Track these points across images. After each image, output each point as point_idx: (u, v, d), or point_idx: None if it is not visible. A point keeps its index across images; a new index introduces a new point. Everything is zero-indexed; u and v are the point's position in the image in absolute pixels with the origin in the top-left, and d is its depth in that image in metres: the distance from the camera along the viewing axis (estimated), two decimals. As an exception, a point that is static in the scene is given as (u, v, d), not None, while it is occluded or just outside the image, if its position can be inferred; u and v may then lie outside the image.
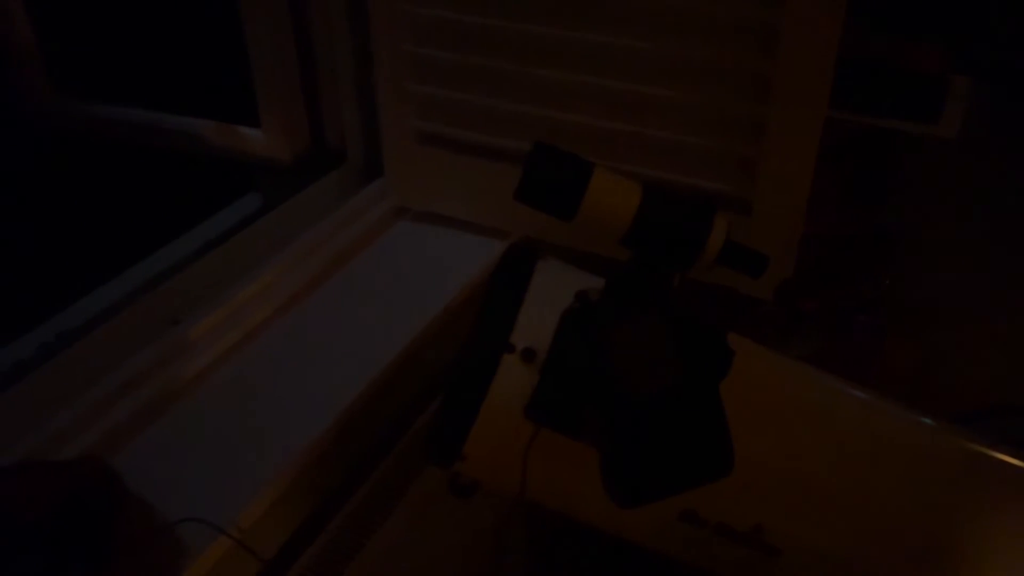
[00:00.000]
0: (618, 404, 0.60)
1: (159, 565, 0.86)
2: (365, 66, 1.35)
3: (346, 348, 1.14)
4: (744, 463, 0.61)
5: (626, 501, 0.60)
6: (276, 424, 1.03)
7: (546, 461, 0.69)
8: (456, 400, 0.71)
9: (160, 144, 1.64)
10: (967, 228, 1.30)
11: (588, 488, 0.65)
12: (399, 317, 1.18)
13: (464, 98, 1.25)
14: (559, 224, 0.68)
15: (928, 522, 0.72)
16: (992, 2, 1.19)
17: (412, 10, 1.22)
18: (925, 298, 1.29)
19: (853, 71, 1.12)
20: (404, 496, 1.07)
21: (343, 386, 1.07)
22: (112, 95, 1.69)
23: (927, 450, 0.75)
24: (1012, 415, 0.85)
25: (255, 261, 1.26)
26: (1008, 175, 1.26)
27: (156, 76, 1.73)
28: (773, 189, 1.12)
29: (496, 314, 0.72)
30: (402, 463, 1.10)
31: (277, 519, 0.97)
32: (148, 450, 1.00)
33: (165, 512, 0.90)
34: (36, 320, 1.26)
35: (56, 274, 1.57)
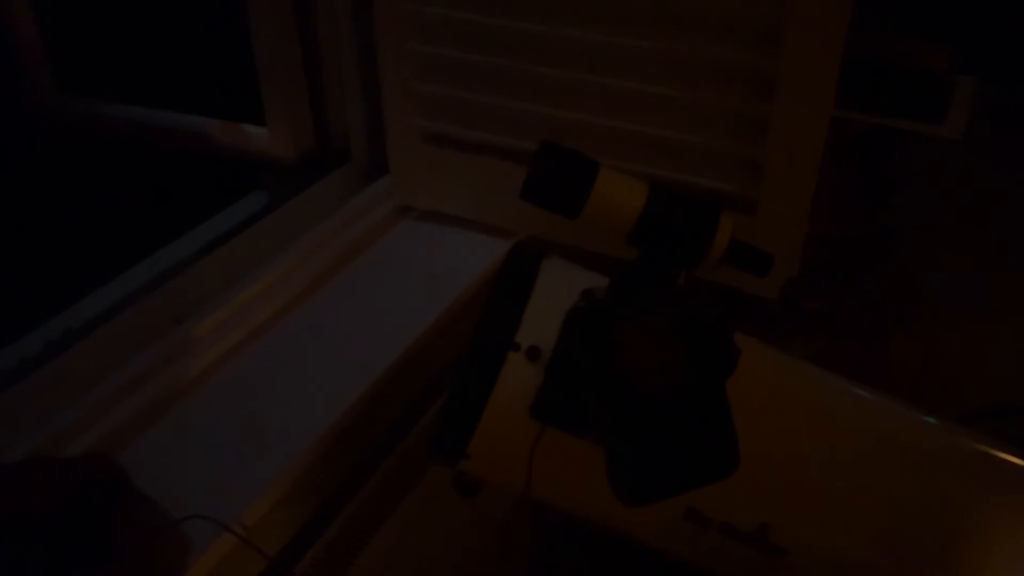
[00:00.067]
0: (624, 402, 0.60)
1: (165, 561, 0.86)
2: (370, 65, 1.35)
3: (350, 347, 1.14)
4: (749, 461, 0.61)
5: (631, 499, 0.60)
6: (280, 422, 1.03)
7: (551, 460, 0.69)
8: (461, 398, 0.71)
9: (165, 142, 1.64)
10: (971, 228, 1.30)
11: (593, 487, 0.65)
12: (403, 316, 1.18)
13: (469, 97, 1.25)
14: (564, 223, 0.69)
15: (932, 520, 0.72)
16: (998, 2, 1.19)
17: (417, 9, 1.21)
18: (928, 298, 1.29)
19: (858, 70, 1.12)
20: (408, 495, 1.07)
21: (347, 384, 1.07)
22: (117, 94, 1.69)
23: (931, 449, 0.75)
24: (1014, 414, 0.85)
25: (259, 260, 1.26)
26: (1012, 175, 1.26)
27: (161, 74, 1.73)
28: (778, 188, 1.11)
29: (501, 313, 0.72)
30: (407, 462, 1.10)
31: (281, 517, 0.98)
32: (152, 448, 1.00)
33: (170, 509, 0.90)
34: (41, 318, 1.27)
35: (61, 272, 1.58)
